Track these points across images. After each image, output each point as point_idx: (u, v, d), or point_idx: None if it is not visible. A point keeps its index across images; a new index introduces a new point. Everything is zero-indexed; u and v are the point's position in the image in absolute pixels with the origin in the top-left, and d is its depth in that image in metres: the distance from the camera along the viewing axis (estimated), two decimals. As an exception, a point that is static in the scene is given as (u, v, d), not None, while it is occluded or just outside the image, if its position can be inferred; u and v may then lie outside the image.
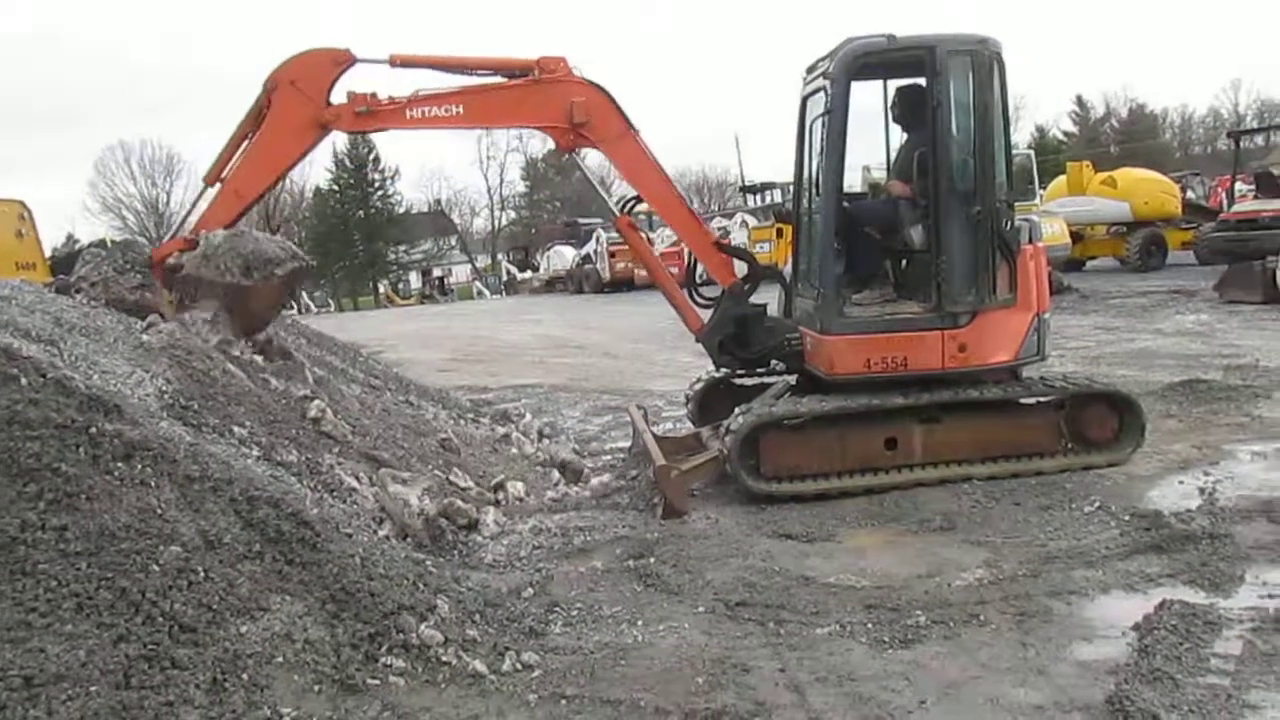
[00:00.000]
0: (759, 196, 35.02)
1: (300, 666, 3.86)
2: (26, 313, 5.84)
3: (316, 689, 3.81)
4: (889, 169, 7.61)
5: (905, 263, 7.31)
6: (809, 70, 7.20)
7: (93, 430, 4.25)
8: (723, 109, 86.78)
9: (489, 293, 49.90)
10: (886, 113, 7.49)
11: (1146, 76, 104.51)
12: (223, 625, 3.84)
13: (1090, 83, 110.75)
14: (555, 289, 41.86)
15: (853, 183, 7.58)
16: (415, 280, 65.45)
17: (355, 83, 7.14)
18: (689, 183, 68.14)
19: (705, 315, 7.46)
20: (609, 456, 8.46)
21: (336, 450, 6.32)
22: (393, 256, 68.95)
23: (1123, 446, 6.78)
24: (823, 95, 6.69)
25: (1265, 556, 4.96)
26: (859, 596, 4.84)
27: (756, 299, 7.44)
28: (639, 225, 7.86)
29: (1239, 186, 21.33)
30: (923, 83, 6.67)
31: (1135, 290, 18.54)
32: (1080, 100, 72.21)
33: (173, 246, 7.23)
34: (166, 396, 5.47)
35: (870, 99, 7.45)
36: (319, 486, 5.62)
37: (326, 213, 66.05)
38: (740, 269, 7.54)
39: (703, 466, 6.71)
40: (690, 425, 8.36)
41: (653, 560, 5.51)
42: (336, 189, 66.84)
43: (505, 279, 52.59)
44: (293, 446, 5.92)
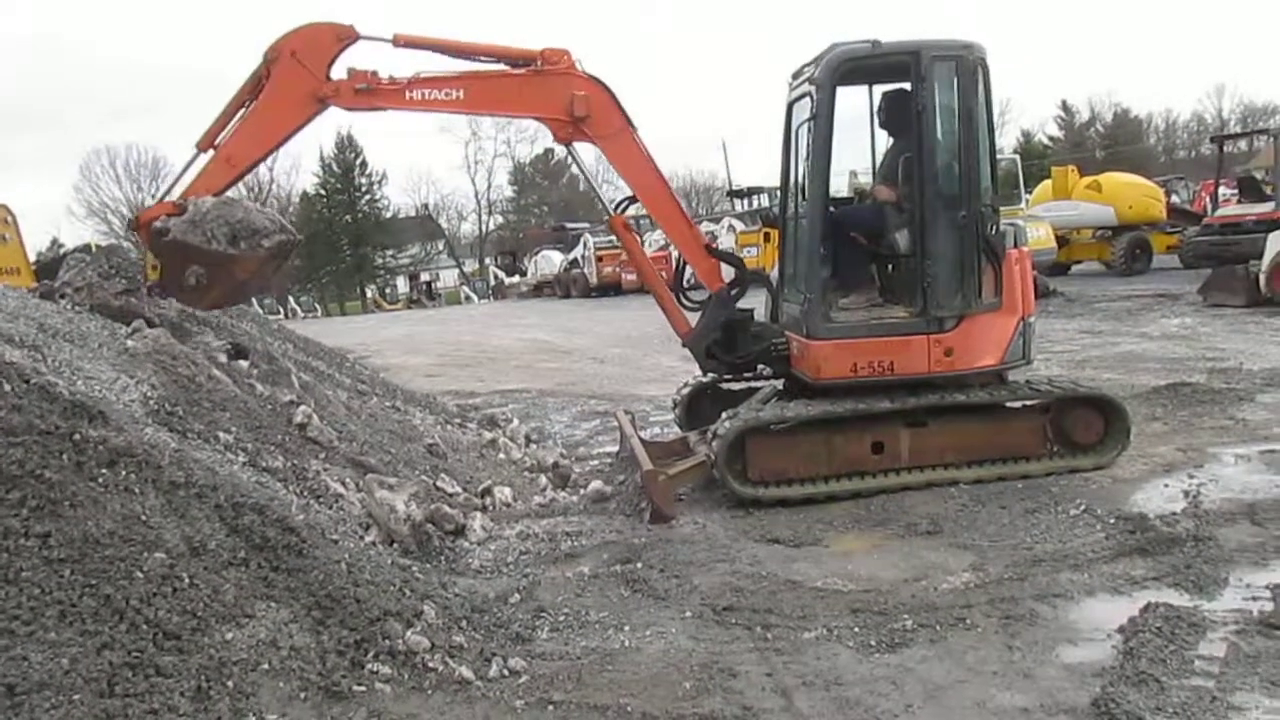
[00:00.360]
0: (746, 201, 35.05)
1: (286, 673, 3.85)
2: (10, 318, 5.79)
3: (302, 696, 3.81)
4: (875, 174, 7.63)
5: (891, 267, 7.34)
6: (795, 76, 7.23)
7: (77, 437, 4.23)
8: (710, 113, 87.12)
9: (476, 297, 49.81)
10: (872, 118, 7.51)
11: (1131, 81, 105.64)
12: (207, 632, 3.83)
13: (1075, 88, 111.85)
14: (543, 293, 41.87)
15: (839, 188, 7.59)
16: (403, 285, 65.37)
17: (357, 60, 7.11)
18: (676, 186, 66.73)
19: (693, 319, 7.47)
20: (596, 462, 8.46)
21: (323, 456, 6.30)
22: (380, 261, 68.93)
23: (1108, 450, 6.81)
24: (808, 100, 6.71)
25: (1249, 559, 4.99)
26: (846, 600, 4.85)
27: (744, 304, 7.45)
28: (632, 227, 7.85)
29: (1223, 191, 21.45)
30: (908, 88, 6.69)
31: (1120, 294, 18.64)
32: (1065, 105, 72.83)
33: (160, 210, 7.10)
34: (151, 402, 5.44)
35: (856, 104, 7.48)
36: (305, 492, 5.60)
37: (313, 217, 65.89)
38: (728, 274, 7.54)
39: (690, 471, 6.71)
40: (678, 430, 8.38)
41: (640, 565, 5.51)
42: (324, 193, 66.81)
43: (493, 284, 52.53)
44: (279, 452, 5.90)
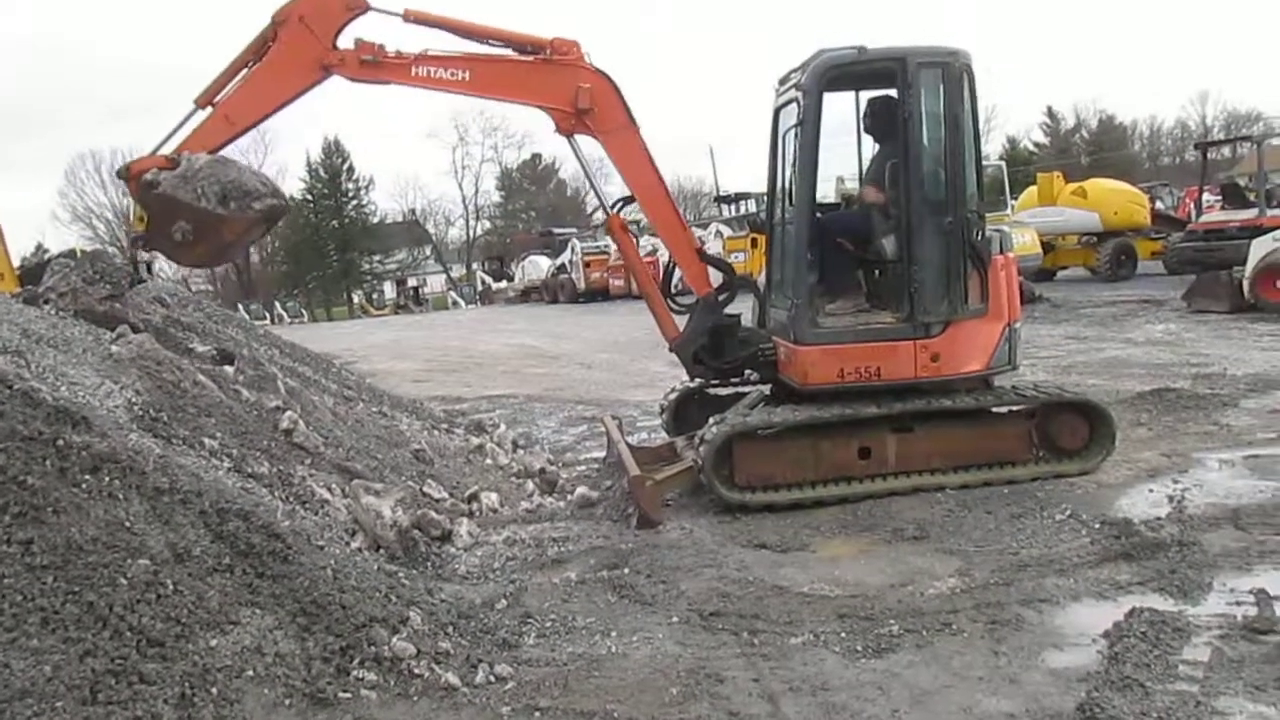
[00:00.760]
0: (733, 207, 35.11)
1: (271, 680, 3.83)
2: (-7, 324, 5.77)
3: (287, 703, 3.79)
4: (861, 180, 7.65)
5: (878, 273, 7.35)
6: (781, 82, 7.24)
7: (60, 442, 4.20)
8: (698, 118, 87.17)
9: (464, 303, 49.71)
10: (859, 124, 7.54)
11: (1116, 88, 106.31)
12: (192, 639, 3.81)
13: (1061, 94, 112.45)
14: (530, 299, 41.88)
15: (826, 193, 7.62)
16: (390, 290, 65.14)
17: (365, 32, 7.08)
18: (665, 191, 68.00)
19: (681, 323, 7.47)
20: (584, 467, 8.45)
21: (309, 462, 6.28)
22: (367, 267, 68.77)
23: (1093, 455, 6.83)
24: (795, 107, 6.73)
25: (1233, 564, 5.01)
26: (832, 606, 4.85)
27: (731, 309, 7.45)
28: (629, 228, 7.82)
29: (1206, 197, 21.55)
30: (894, 94, 6.72)
31: (1105, 300, 18.74)
32: (1051, 112, 73.23)
33: (152, 162, 7.00)
34: (136, 408, 5.41)
35: (842, 110, 7.51)
36: (291, 498, 5.58)
37: (300, 223, 65.63)
38: (716, 279, 7.54)
39: (677, 476, 6.72)
40: (665, 435, 8.37)
41: (627, 571, 5.51)
42: (310, 199, 66.59)
43: (480, 289, 52.46)
44: (264, 458, 5.87)
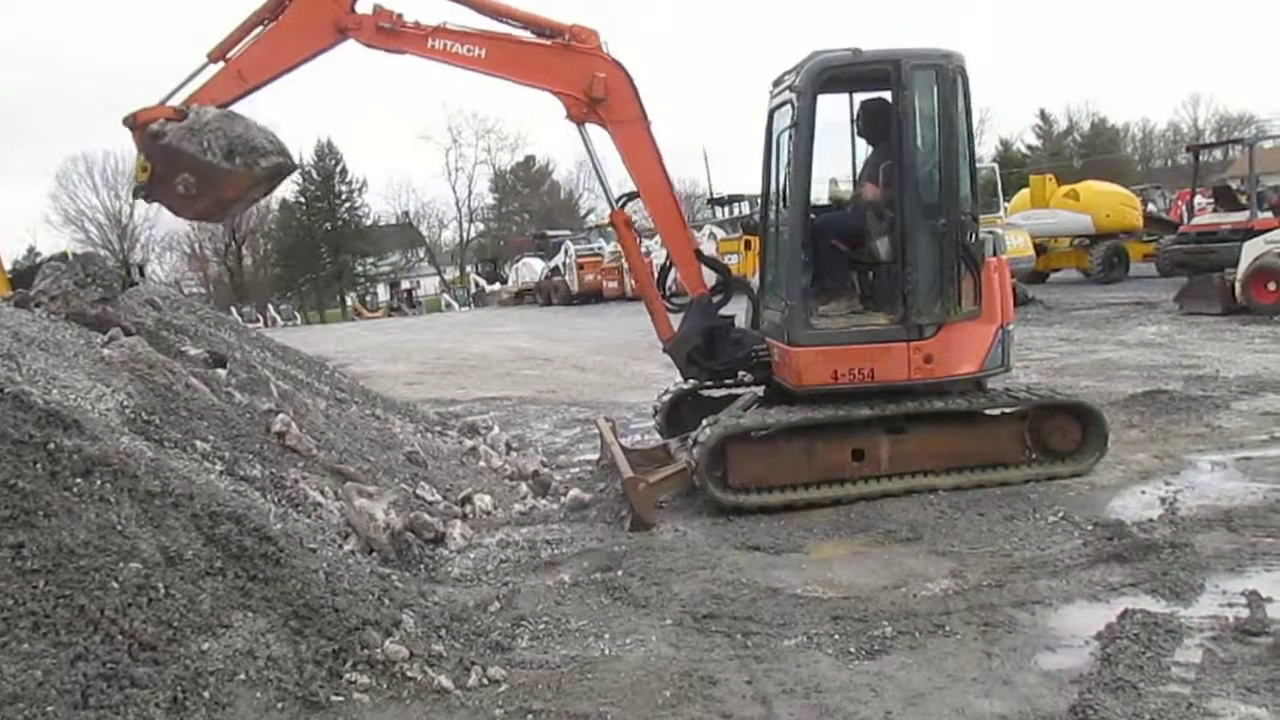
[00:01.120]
0: (727, 209, 35.15)
1: (263, 684, 3.82)
2: (-16, 326, 5.75)
3: (280, 706, 3.77)
4: (855, 182, 7.65)
5: (871, 274, 7.35)
6: (775, 83, 7.25)
7: (51, 446, 4.19)
8: (692, 120, 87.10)
9: (457, 305, 49.69)
10: (853, 126, 7.54)
11: (1108, 91, 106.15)
12: (184, 643, 3.79)
13: (1053, 97, 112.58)
14: (524, 301, 41.86)
15: (819, 195, 7.61)
16: (383, 293, 65.14)
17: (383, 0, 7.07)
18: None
19: (676, 323, 7.46)
20: (577, 469, 8.44)
21: (301, 464, 6.26)
22: (360, 269, 68.73)
23: (1086, 457, 6.84)
24: (789, 108, 6.74)
25: (1225, 565, 5.02)
26: (826, 608, 4.85)
27: (725, 311, 7.45)
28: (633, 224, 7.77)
29: (1198, 200, 21.67)
30: (888, 96, 6.73)
31: (1098, 302, 18.79)
32: (1044, 114, 73.38)
33: (160, 113, 6.97)
34: (127, 411, 5.39)
35: (836, 112, 7.51)
36: (283, 501, 5.56)
37: (293, 225, 65.68)
38: (710, 280, 7.53)
39: (670, 478, 6.71)
40: (658, 437, 8.37)
41: (620, 573, 5.50)
42: (303, 201, 66.50)
43: (474, 291, 52.47)
44: (257, 461, 5.86)
